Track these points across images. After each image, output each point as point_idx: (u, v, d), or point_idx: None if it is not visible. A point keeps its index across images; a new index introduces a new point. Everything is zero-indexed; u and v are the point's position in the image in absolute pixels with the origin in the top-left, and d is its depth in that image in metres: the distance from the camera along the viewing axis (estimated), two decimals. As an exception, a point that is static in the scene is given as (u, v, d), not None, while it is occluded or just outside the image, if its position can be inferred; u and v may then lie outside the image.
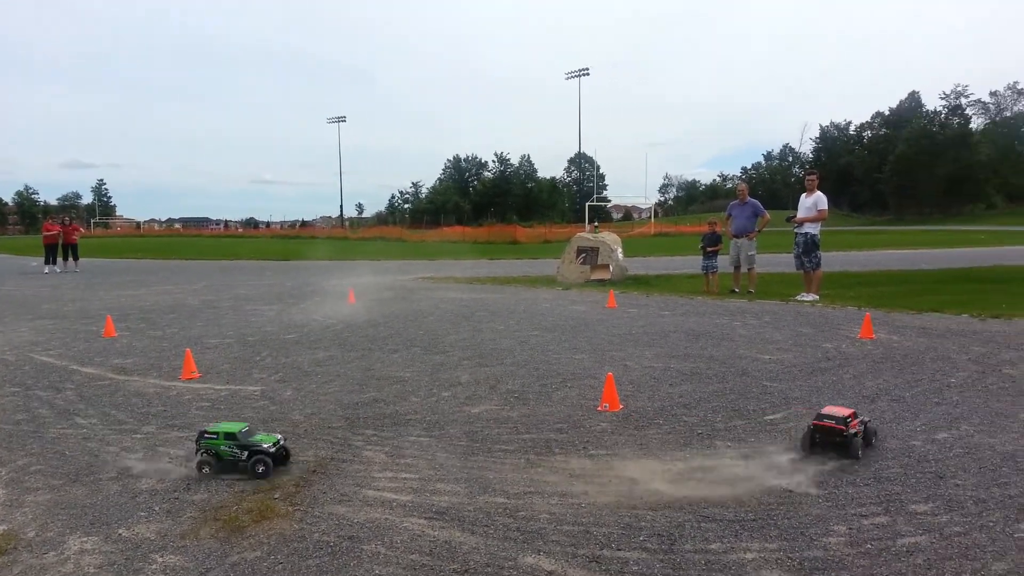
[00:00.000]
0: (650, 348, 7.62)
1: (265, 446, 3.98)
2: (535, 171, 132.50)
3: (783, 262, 18.87)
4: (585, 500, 3.54)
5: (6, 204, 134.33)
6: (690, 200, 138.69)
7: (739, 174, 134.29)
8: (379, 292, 14.41)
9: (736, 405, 5.31)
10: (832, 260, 20.03)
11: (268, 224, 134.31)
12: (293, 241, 60.34)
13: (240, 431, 4.02)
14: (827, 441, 4.12)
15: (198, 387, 6.18)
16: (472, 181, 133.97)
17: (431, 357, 7.38)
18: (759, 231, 12.98)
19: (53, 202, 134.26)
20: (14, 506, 3.56)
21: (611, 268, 15.61)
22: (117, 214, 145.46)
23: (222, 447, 3.98)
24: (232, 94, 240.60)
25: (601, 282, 15.14)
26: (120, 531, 3.26)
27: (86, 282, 18.23)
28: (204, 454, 4.02)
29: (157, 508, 3.52)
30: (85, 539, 3.18)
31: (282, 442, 4.10)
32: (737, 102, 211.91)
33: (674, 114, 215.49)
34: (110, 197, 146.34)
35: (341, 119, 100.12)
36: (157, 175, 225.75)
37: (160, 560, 2.97)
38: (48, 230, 23.03)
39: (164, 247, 44.73)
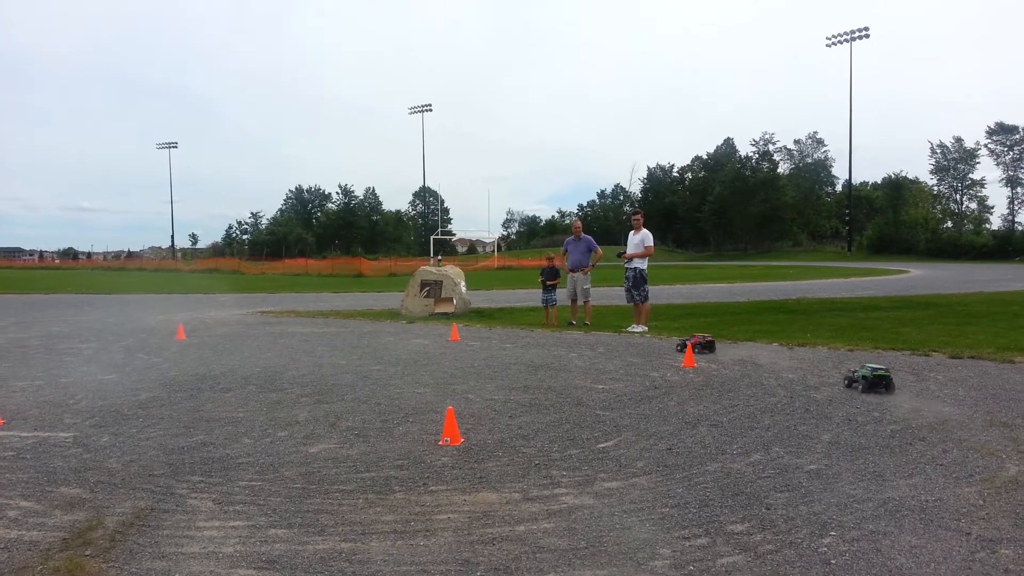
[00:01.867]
0: (491, 380, 7.75)
1: None
2: (380, 204, 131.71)
3: (616, 295, 19.88)
4: (424, 538, 3.53)
5: None
6: (531, 235, 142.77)
7: (575, 211, 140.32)
8: (213, 327, 13.68)
9: (572, 434, 5.50)
10: (659, 293, 21.33)
11: (89, 255, 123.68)
12: (117, 273, 55.99)
13: None
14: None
15: (0, 435, 5.58)
16: (316, 213, 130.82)
17: (267, 395, 7.09)
18: (593, 266, 13.62)
19: None
20: None
21: (454, 301, 15.75)
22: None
23: None
24: (42, 114, 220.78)
25: (445, 315, 15.23)
26: None
27: None
28: None
29: (-59, 576, 3.14)
30: None
31: None
32: (573, 142, 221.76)
33: (514, 151, 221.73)
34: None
35: (172, 144, 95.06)
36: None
37: (-57, 636, 2.64)
38: None
39: (-40, 279, 40.02)
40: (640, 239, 12.55)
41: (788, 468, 4.61)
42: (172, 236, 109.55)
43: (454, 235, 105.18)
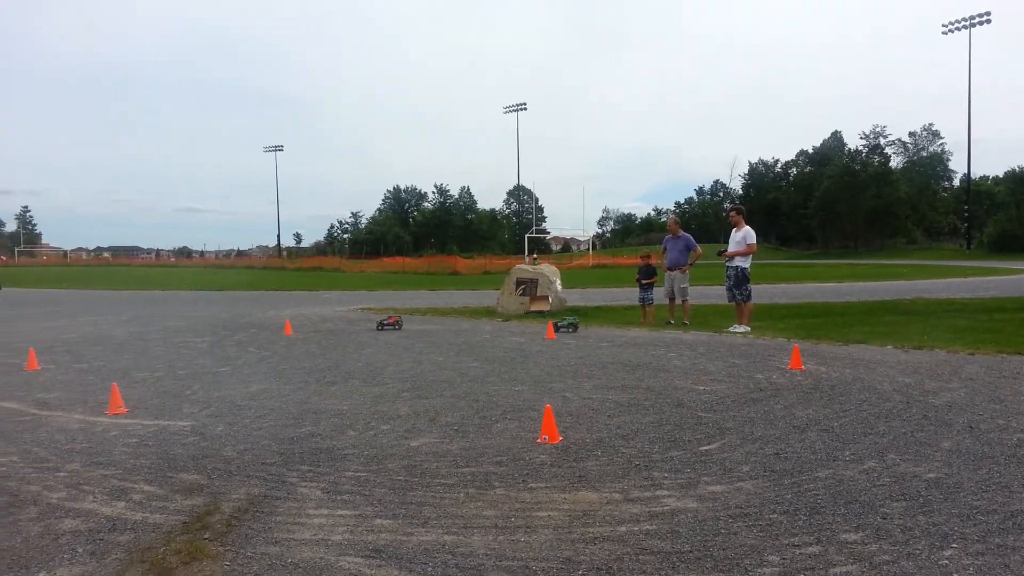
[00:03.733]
0: (588, 379, 7.69)
1: None
2: (475, 202, 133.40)
3: (715, 294, 19.36)
4: (524, 535, 3.53)
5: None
6: (626, 233, 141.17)
7: (672, 208, 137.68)
8: (317, 324, 14.19)
9: (673, 436, 5.39)
10: (762, 292, 20.64)
11: (202, 253, 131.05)
12: (228, 270, 58.98)
13: None
14: None
15: (125, 423, 5.95)
16: (412, 212, 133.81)
17: (370, 389, 7.29)
18: (691, 264, 13.34)
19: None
20: (-80, 553, 3.36)
21: (550, 299, 15.74)
22: (43, 242, 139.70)
23: None
24: (156, 122, 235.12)
25: (540, 313, 15.25)
26: (41, 575, 3.10)
27: (8, 313, 17.41)
28: None
29: (81, 550, 3.36)
30: (-1, 586, 3.01)
31: None
32: (669, 138, 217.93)
33: (609, 148, 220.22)
34: (35, 225, 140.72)
35: (278, 148, 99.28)
36: (81, 203, 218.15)
37: (81, 607, 2.83)
38: (-35, 259, 22.00)
39: (92, 277, 43.11)
40: (742, 236, 12.18)
41: (905, 476, 4.36)
42: (278, 235, 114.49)
43: (548, 233, 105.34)
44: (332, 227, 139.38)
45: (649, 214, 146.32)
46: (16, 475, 4.55)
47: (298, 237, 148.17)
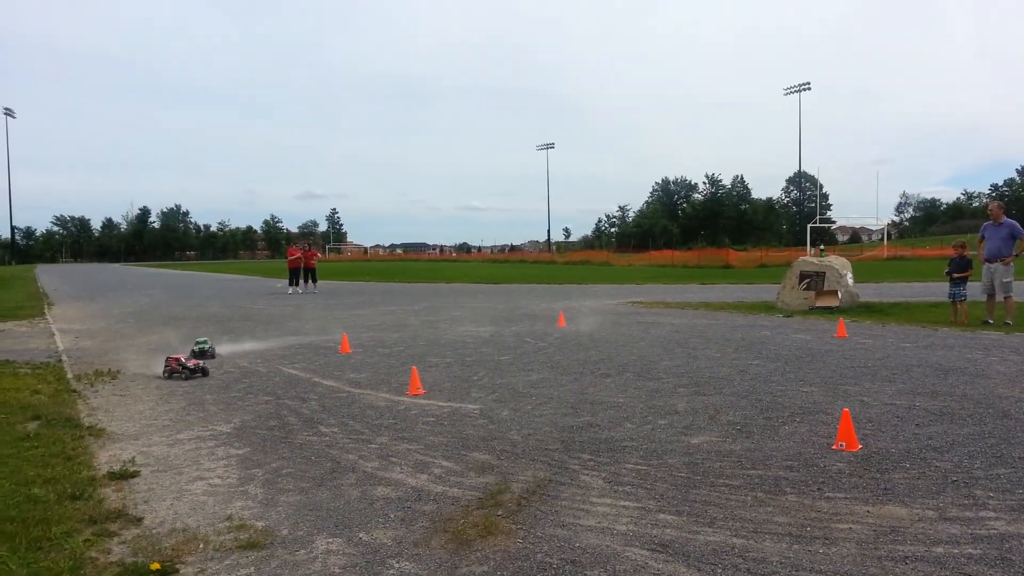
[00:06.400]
0: (890, 383, 6.91)
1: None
2: (749, 192, 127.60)
3: (1048, 290, 16.49)
4: (823, 546, 3.23)
5: (255, 231, 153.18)
6: (929, 220, 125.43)
7: (988, 192, 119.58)
8: (588, 316, 14.49)
9: (998, 451, 4.65)
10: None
11: (480, 248, 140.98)
12: (503, 264, 62.71)
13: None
14: None
15: (423, 403, 6.53)
16: (681, 204, 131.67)
17: (644, 383, 7.24)
18: (1017, 255, 11.45)
19: (294, 229, 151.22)
20: (270, 505, 3.94)
21: (839, 294, 14.48)
22: (348, 240, 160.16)
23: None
24: (441, 127, 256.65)
25: (828, 309, 14.09)
26: (360, 535, 3.48)
27: (323, 303, 20.13)
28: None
29: (392, 516, 3.72)
30: (331, 540, 3.43)
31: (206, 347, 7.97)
32: (980, 112, 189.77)
33: (907, 128, 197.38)
34: (341, 224, 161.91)
35: (550, 146, 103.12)
36: (378, 204, 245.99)
37: (396, 566, 3.12)
38: (291, 255, 25.59)
39: (388, 270, 48.40)
40: (1087, 221, 10.21)
41: None
42: (548, 230, 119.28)
43: (834, 223, 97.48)
44: (600, 221, 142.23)
45: (958, 198, 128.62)
46: (337, 444, 5.18)
47: (567, 232, 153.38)
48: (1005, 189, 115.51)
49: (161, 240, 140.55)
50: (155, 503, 3.99)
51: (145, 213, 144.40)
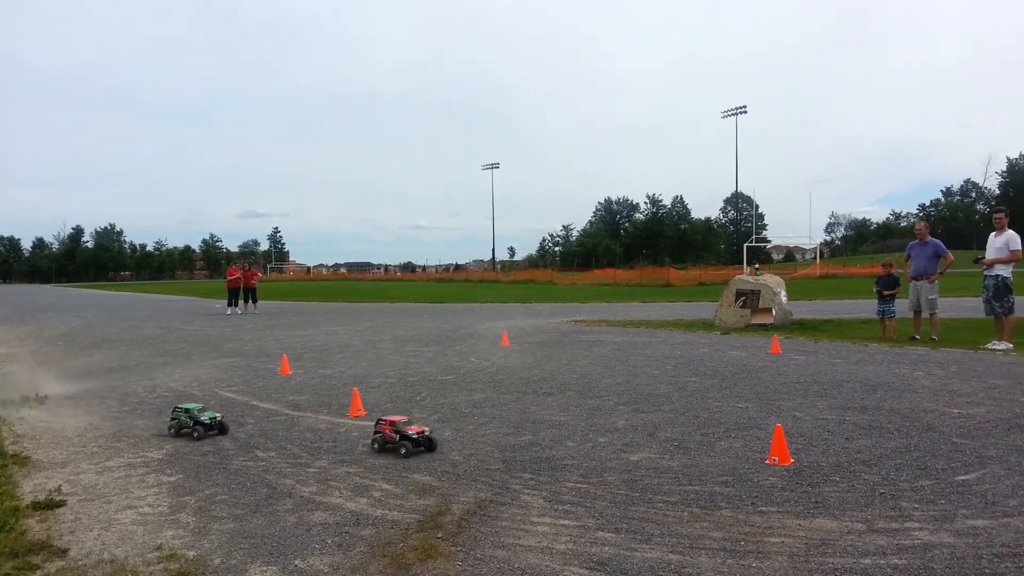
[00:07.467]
0: (822, 398, 7.13)
1: (204, 419, 5.97)
2: (688, 212, 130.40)
3: (969, 307, 17.26)
4: (756, 560, 3.31)
5: (193, 251, 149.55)
6: (860, 240, 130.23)
7: (916, 212, 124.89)
8: (532, 335, 14.55)
9: (923, 463, 4.83)
10: (1028, 305, 18.02)
11: (424, 268, 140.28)
12: (447, 284, 62.55)
13: (193, 408, 6.08)
14: None
15: (365, 424, 6.44)
16: (623, 223, 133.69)
17: (586, 401, 7.30)
18: (942, 273, 11.98)
19: (234, 249, 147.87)
20: (202, 533, 3.83)
21: (774, 312, 14.89)
22: (290, 259, 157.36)
23: (182, 417, 6.04)
24: (388, 146, 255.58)
25: (763, 327, 14.47)
26: (296, 562, 3.42)
27: (264, 323, 19.74)
28: (172, 420, 6.13)
29: (329, 541, 3.67)
30: (265, 568, 3.35)
31: (219, 419, 6.10)
32: (908, 136, 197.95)
33: (839, 150, 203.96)
34: (284, 244, 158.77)
35: (495, 165, 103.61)
36: (322, 223, 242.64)
37: (332, 593, 3.07)
38: (231, 275, 25.05)
39: (332, 290, 47.76)
40: (1003, 242, 10.76)
41: None
42: (493, 250, 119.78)
43: (769, 242, 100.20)
44: (544, 240, 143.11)
45: (887, 219, 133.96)
46: (274, 469, 5.08)
47: (512, 251, 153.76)
48: (932, 209, 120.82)
49: (95, 260, 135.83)
50: (81, 533, 3.84)
51: (78, 232, 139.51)
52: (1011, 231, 10.80)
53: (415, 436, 5.32)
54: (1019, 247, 10.77)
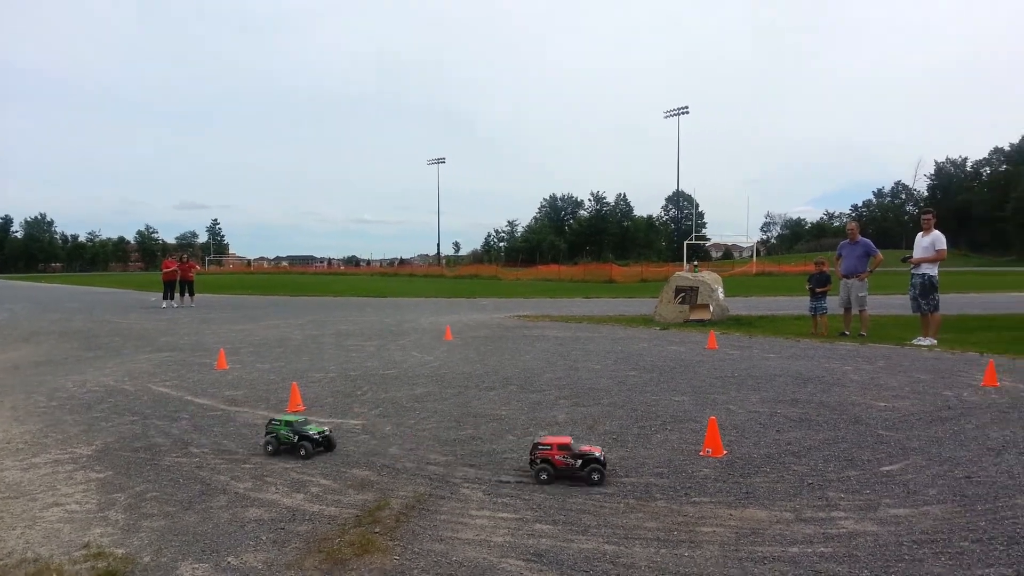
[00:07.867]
0: (755, 392, 7.35)
1: (311, 433, 5.12)
2: (631, 210, 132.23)
3: (897, 304, 17.96)
4: (688, 549, 3.41)
5: (128, 242, 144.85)
6: (795, 239, 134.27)
7: (848, 212, 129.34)
8: (475, 330, 14.56)
9: (849, 454, 5.03)
10: (951, 303, 18.85)
11: (368, 262, 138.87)
12: (392, 278, 62.05)
13: (296, 420, 5.22)
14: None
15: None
16: (568, 220, 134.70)
17: (527, 395, 7.36)
18: (871, 271, 12.44)
19: (171, 241, 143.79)
20: (131, 531, 3.74)
21: (711, 308, 15.23)
22: (230, 252, 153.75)
23: (282, 431, 5.16)
24: (333, 138, 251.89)
25: (701, 322, 14.80)
26: (229, 559, 3.37)
27: (201, 317, 19.25)
28: (269, 436, 5.20)
29: (264, 538, 3.62)
30: (196, 566, 3.29)
31: (327, 433, 5.23)
32: (843, 138, 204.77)
33: (777, 151, 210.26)
34: (223, 236, 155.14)
35: (440, 160, 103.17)
36: (264, 215, 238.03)
37: (266, 589, 3.04)
38: (167, 267, 24.36)
39: (273, 284, 46.83)
40: (930, 241, 11.23)
41: None
42: (438, 244, 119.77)
43: (708, 240, 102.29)
44: (489, 235, 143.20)
45: (821, 218, 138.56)
46: (208, 465, 4.98)
47: (457, 246, 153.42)
48: (863, 210, 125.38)
49: (24, 251, 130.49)
50: (4, 532, 3.71)
51: (7, 222, 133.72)
52: (937, 232, 11.27)
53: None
54: (944, 247, 11.25)
